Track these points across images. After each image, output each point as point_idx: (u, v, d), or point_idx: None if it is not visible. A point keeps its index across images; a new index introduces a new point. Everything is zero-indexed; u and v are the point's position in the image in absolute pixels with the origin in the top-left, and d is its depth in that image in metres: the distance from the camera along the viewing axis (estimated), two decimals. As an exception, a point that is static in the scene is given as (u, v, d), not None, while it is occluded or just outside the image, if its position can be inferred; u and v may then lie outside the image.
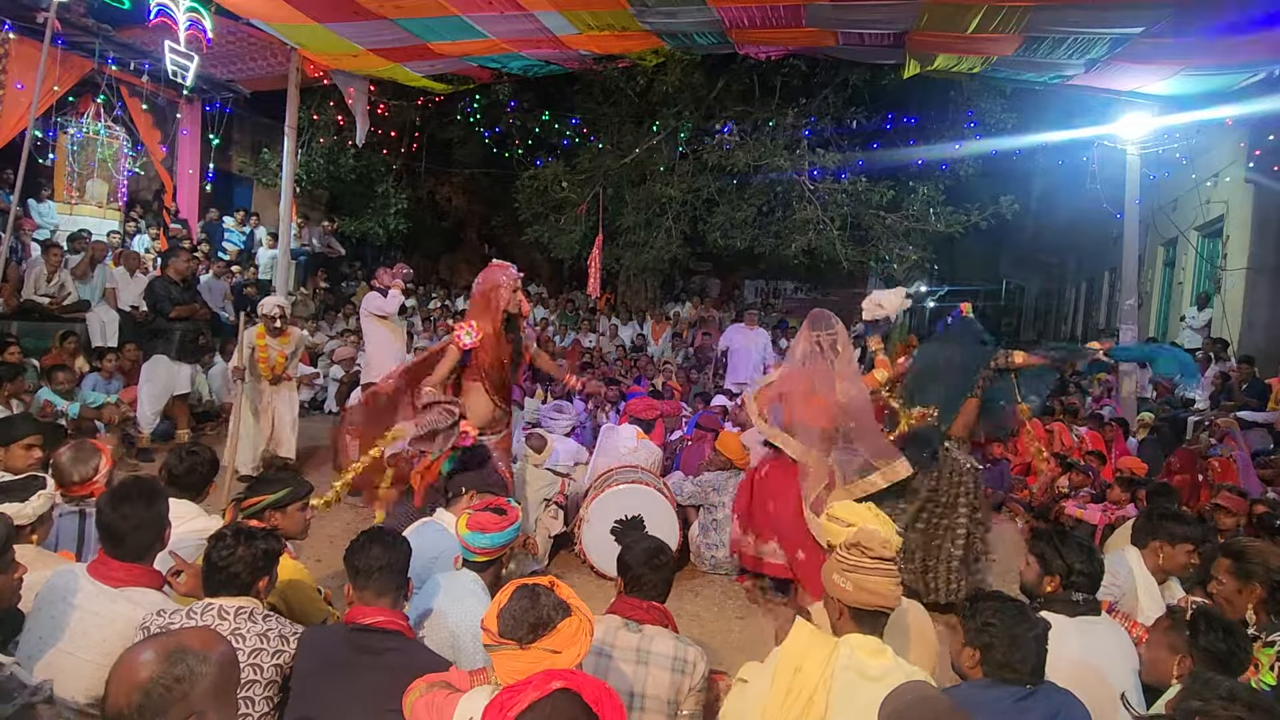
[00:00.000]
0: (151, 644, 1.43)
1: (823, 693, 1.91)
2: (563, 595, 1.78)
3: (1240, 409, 7.46)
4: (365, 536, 2.23)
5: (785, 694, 1.94)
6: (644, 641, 2.30)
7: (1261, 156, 8.73)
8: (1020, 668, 1.99)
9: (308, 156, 11.86)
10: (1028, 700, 1.97)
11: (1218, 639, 2.12)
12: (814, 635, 2.05)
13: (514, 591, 1.77)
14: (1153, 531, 2.99)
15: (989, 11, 5.73)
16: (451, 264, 16.98)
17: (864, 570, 2.04)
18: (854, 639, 2.01)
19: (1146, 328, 11.61)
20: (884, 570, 2.04)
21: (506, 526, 2.56)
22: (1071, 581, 2.45)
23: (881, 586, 2.02)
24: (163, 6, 7.28)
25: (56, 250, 7.61)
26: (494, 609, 1.76)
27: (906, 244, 11.26)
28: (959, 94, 10.63)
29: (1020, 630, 2.01)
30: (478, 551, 2.53)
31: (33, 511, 2.39)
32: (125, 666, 1.39)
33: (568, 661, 1.70)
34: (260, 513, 2.71)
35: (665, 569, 2.44)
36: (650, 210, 11.65)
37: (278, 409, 5.98)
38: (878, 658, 1.97)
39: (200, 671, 1.39)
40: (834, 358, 4.01)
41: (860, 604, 2.04)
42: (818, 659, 1.97)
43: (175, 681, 1.37)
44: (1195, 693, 1.72)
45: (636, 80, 10.72)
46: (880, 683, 1.90)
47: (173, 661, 1.38)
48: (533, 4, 6.67)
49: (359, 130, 9.87)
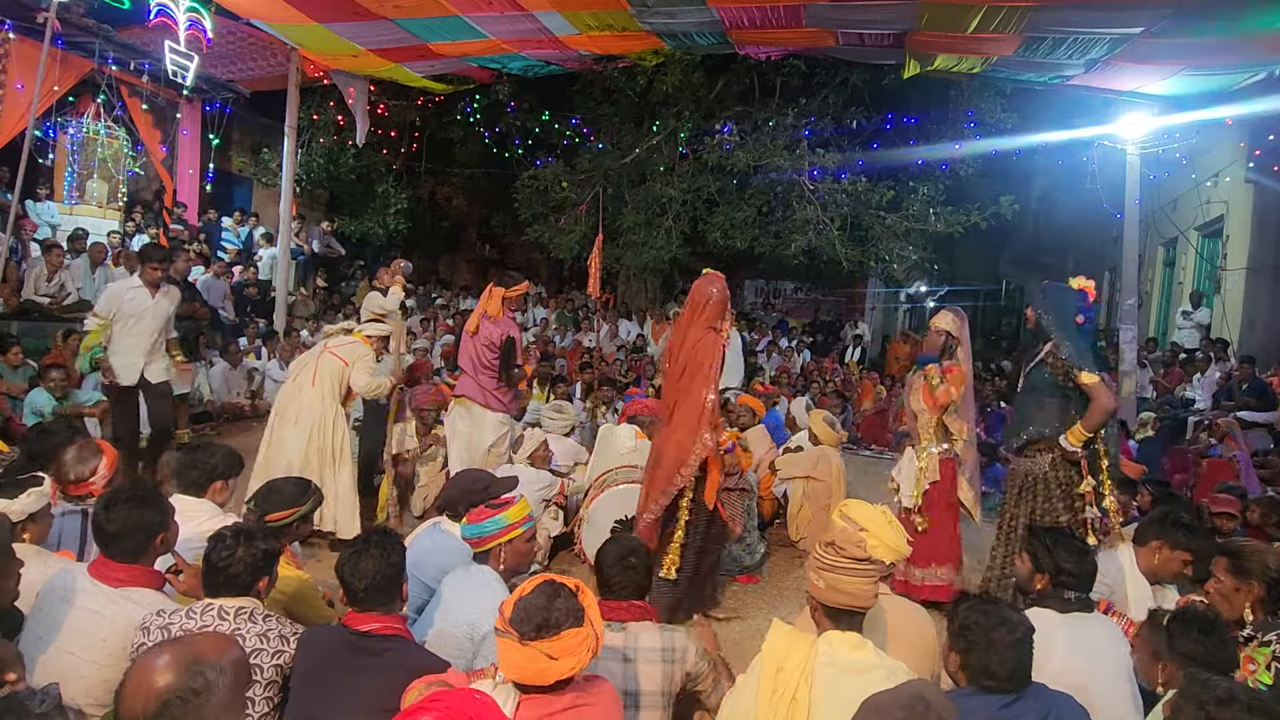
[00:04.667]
0: (169, 652, 1.42)
1: (805, 689, 1.93)
2: (583, 603, 1.77)
3: (1240, 409, 7.46)
4: (352, 551, 2.16)
5: (770, 695, 1.97)
6: (629, 639, 2.31)
7: (1261, 156, 8.73)
8: (998, 672, 1.95)
9: (308, 156, 11.86)
10: (1012, 708, 1.93)
11: (1193, 642, 2.08)
12: (793, 635, 2.07)
13: (538, 585, 1.78)
14: (1158, 533, 2.98)
15: (989, 11, 5.74)
16: (451, 264, 16.99)
17: (839, 570, 2.06)
18: (833, 635, 2.04)
19: (1146, 328, 11.60)
20: (857, 571, 2.06)
21: (488, 518, 2.57)
22: (1061, 580, 2.45)
23: (853, 587, 2.05)
24: (163, 6, 7.29)
25: (56, 250, 7.61)
26: (515, 595, 1.77)
27: (906, 244, 11.26)
28: (959, 94, 10.62)
29: (998, 634, 1.96)
30: (469, 542, 2.60)
31: (22, 508, 2.38)
32: (142, 675, 1.38)
33: (562, 670, 1.70)
34: (288, 526, 2.74)
35: (635, 570, 2.43)
36: (650, 210, 11.65)
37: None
38: (857, 652, 2.00)
39: (218, 683, 1.40)
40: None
41: (832, 603, 2.07)
42: (798, 657, 1.99)
43: (194, 694, 1.37)
44: (1192, 695, 1.71)
45: (636, 80, 10.71)
46: (862, 676, 1.93)
47: (192, 674, 1.38)
48: (533, 4, 6.68)
49: (359, 130, 9.89)
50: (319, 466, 4.41)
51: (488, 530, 2.57)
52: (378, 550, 2.15)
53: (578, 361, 9.85)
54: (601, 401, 7.56)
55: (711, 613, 3.96)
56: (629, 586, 2.42)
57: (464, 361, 5.04)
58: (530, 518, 2.69)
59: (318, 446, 4.46)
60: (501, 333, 4.88)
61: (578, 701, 1.76)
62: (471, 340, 4.96)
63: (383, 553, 2.15)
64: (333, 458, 4.49)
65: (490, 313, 4.94)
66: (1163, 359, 9.75)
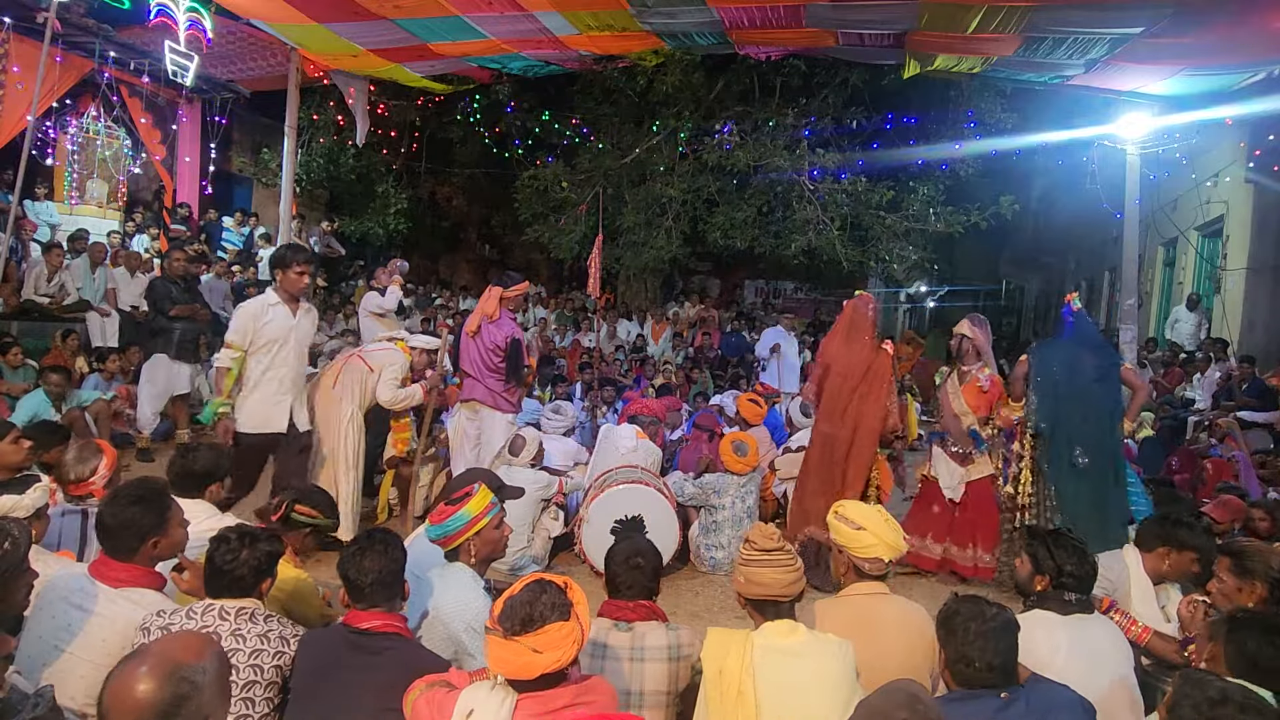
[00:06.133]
0: (145, 662, 1.39)
1: (749, 681, 2.00)
2: (571, 598, 1.78)
3: (1240, 409, 7.46)
4: (356, 548, 2.19)
5: (719, 698, 2.03)
6: (636, 639, 2.33)
7: (1261, 156, 8.72)
8: (975, 661, 1.94)
9: (308, 156, 11.86)
10: (1007, 711, 1.91)
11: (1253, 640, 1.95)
12: (726, 635, 2.14)
13: (525, 584, 1.79)
14: (1163, 537, 2.98)
15: (989, 11, 5.73)
16: (451, 264, 16.99)
17: (753, 563, 2.17)
18: (765, 627, 2.13)
19: (1146, 328, 11.60)
20: (768, 561, 2.15)
21: (450, 515, 2.54)
22: (1061, 582, 2.44)
23: (765, 577, 2.15)
24: (163, 6, 7.29)
25: (56, 250, 7.61)
26: (505, 595, 1.78)
27: (906, 244, 11.27)
28: (959, 94, 10.62)
29: (975, 624, 1.95)
30: (436, 543, 2.60)
31: (30, 503, 2.38)
32: (124, 691, 1.36)
33: (546, 664, 1.70)
34: (300, 523, 2.78)
35: (641, 571, 2.44)
36: (650, 210, 11.65)
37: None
38: (790, 637, 2.09)
39: (201, 683, 1.39)
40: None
41: (752, 595, 2.18)
42: (735, 655, 2.06)
43: (183, 699, 1.36)
44: (1185, 695, 1.70)
45: (636, 80, 10.71)
46: (800, 657, 2.03)
47: (175, 682, 1.37)
48: (533, 4, 6.68)
49: (359, 130, 9.88)
50: (331, 467, 4.38)
51: (451, 528, 2.54)
52: (381, 546, 2.19)
53: (578, 361, 9.85)
54: (602, 401, 7.57)
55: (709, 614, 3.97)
56: (635, 587, 2.43)
57: (467, 365, 5.02)
58: (494, 504, 2.63)
59: (330, 448, 4.41)
60: (505, 335, 4.88)
61: (576, 700, 1.77)
62: (474, 342, 4.95)
63: (386, 549, 2.18)
64: (344, 461, 4.43)
65: (488, 313, 4.93)
66: (1163, 359, 9.75)
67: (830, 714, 1.96)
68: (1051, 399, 4.24)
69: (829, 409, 4.58)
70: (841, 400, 4.51)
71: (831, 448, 4.53)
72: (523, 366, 4.94)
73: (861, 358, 4.49)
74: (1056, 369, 4.30)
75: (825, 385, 4.64)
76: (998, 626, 1.96)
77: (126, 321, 7.67)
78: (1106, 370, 4.30)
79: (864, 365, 4.48)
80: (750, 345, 12.16)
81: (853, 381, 4.49)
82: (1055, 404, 4.24)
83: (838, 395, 4.54)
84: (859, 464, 4.48)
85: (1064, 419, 4.22)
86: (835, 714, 1.94)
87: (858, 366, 4.49)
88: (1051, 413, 4.24)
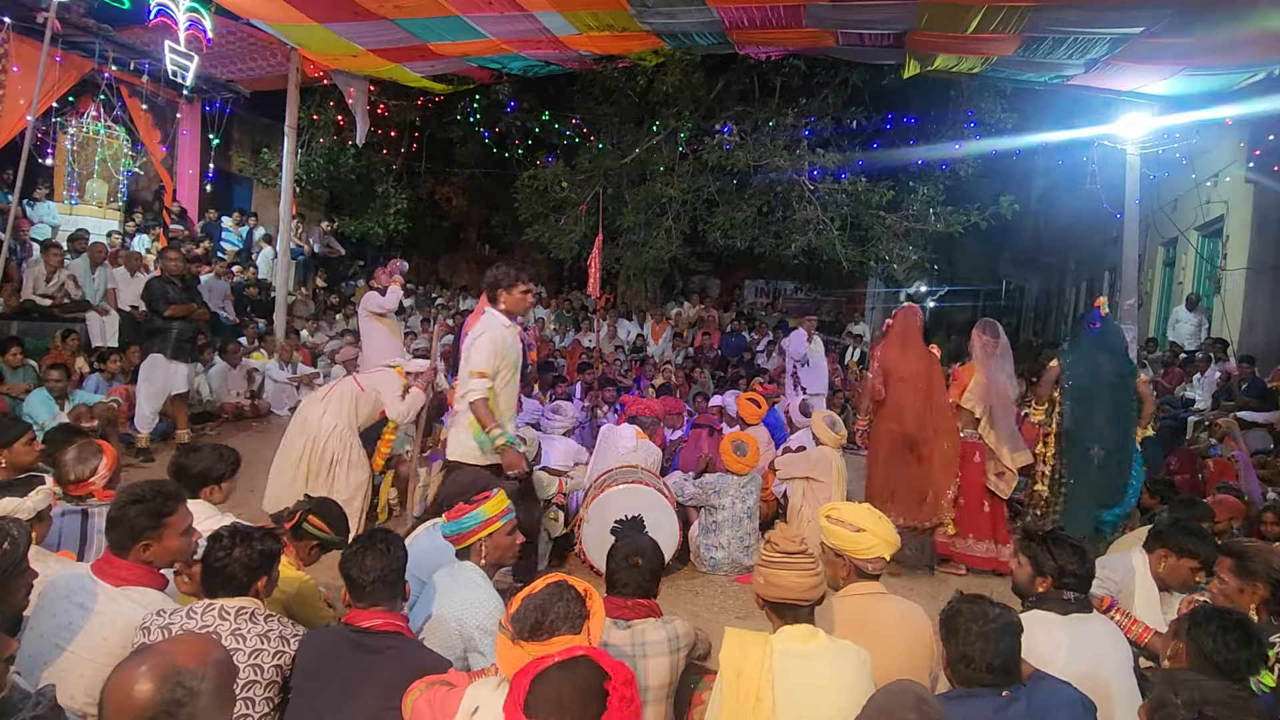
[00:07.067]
0: (145, 663, 1.39)
1: (767, 686, 1.98)
2: (589, 608, 1.74)
3: (1240, 409, 7.46)
4: (358, 546, 2.21)
5: (736, 700, 2.01)
6: (636, 635, 2.34)
7: (1261, 156, 8.72)
8: (975, 660, 1.94)
9: (308, 156, 11.86)
10: (1007, 710, 1.90)
11: (1209, 637, 2.00)
12: (745, 638, 2.11)
13: (545, 585, 1.76)
14: (1164, 540, 2.95)
15: (989, 11, 5.74)
16: (451, 264, 16.99)
17: (773, 565, 2.15)
18: (783, 630, 2.11)
19: (1146, 328, 11.60)
20: (790, 565, 2.13)
21: (466, 513, 2.56)
22: (1064, 582, 2.44)
23: (785, 580, 2.13)
24: (163, 6, 7.29)
25: (56, 250, 7.61)
26: (525, 591, 1.77)
27: (906, 244, 11.27)
28: (959, 94, 10.63)
29: (977, 625, 1.95)
30: (449, 539, 2.60)
31: (32, 505, 2.39)
32: (122, 692, 1.35)
33: None
34: (309, 534, 2.80)
35: (640, 570, 2.45)
36: (650, 210, 11.65)
37: None
38: (809, 641, 2.07)
39: (198, 690, 1.38)
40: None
41: (771, 598, 2.15)
42: (754, 658, 2.04)
43: (177, 705, 1.36)
44: (1165, 699, 1.68)
45: (636, 80, 10.71)
46: (818, 662, 2.01)
47: (171, 686, 1.36)
48: (533, 4, 6.68)
49: (359, 130, 9.89)
50: (315, 475, 4.52)
51: (466, 526, 2.56)
52: (382, 545, 2.20)
53: (578, 361, 9.85)
54: (603, 401, 7.56)
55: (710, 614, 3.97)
56: (632, 585, 2.44)
57: None
58: (509, 510, 2.65)
59: (315, 456, 4.56)
60: None
61: None
62: None
63: (386, 548, 2.20)
64: (327, 470, 4.56)
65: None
66: (1163, 359, 9.75)
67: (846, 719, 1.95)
68: (1080, 403, 4.59)
69: (895, 409, 4.88)
70: (912, 402, 4.84)
71: (901, 442, 4.86)
72: (525, 366, 4.93)
73: (920, 364, 4.86)
74: (1084, 371, 4.64)
75: (889, 388, 4.93)
76: (1000, 628, 1.96)
77: (126, 321, 7.67)
78: (1124, 378, 4.64)
79: (925, 370, 4.85)
80: (750, 345, 12.17)
81: (918, 384, 4.83)
82: (1083, 407, 4.57)
83: (905, 398, 4.86)
84: (944, 462, 4.78)
85: (1088, 420, 4.55)
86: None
87: (919, 372, 4.84)
88: (1079, 414, 4.57)
